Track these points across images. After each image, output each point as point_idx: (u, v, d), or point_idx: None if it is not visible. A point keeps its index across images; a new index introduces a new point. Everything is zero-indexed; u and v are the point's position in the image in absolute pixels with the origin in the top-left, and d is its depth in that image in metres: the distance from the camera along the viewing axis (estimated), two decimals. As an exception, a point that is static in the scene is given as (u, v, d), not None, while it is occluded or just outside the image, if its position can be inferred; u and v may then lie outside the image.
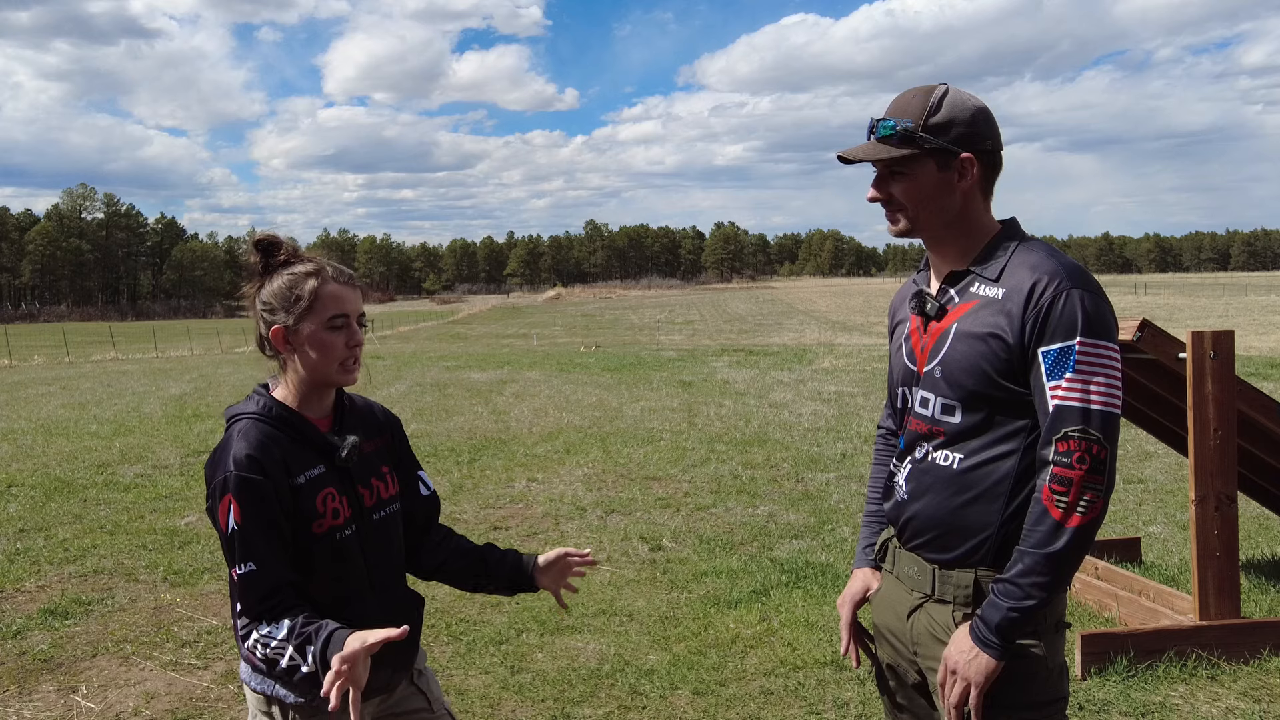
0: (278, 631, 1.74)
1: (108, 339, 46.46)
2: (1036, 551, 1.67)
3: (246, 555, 1.76)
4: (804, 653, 4.28)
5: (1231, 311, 42.27)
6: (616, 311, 73.68)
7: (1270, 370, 15.54)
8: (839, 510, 7.06)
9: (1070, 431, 1.66)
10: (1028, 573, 1.67)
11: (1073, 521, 1.65)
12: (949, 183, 1.81)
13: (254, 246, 1.92)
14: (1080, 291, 1.69)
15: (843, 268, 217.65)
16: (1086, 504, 1.66)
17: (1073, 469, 1.65)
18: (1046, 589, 1.67)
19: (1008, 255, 1.80)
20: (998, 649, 1.70)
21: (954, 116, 1.79)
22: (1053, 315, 1.69)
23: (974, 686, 1.72)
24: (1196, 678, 3.90)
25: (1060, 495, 1.66)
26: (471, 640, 4.59)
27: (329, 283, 1.88)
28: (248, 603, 1.77)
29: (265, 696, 1.90)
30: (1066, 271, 1.72)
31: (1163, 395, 4.75)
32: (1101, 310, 1.71)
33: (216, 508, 1.79)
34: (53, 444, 11.34)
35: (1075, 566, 1.70)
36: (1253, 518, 6.28)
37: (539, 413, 13.24)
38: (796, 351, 25.22)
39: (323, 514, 1.85)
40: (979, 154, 1.81)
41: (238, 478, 1.77)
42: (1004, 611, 1.69)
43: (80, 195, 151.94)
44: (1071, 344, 1.68)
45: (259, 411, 1.87)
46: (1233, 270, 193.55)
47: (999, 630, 1.69)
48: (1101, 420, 1.66)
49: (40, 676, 4.31)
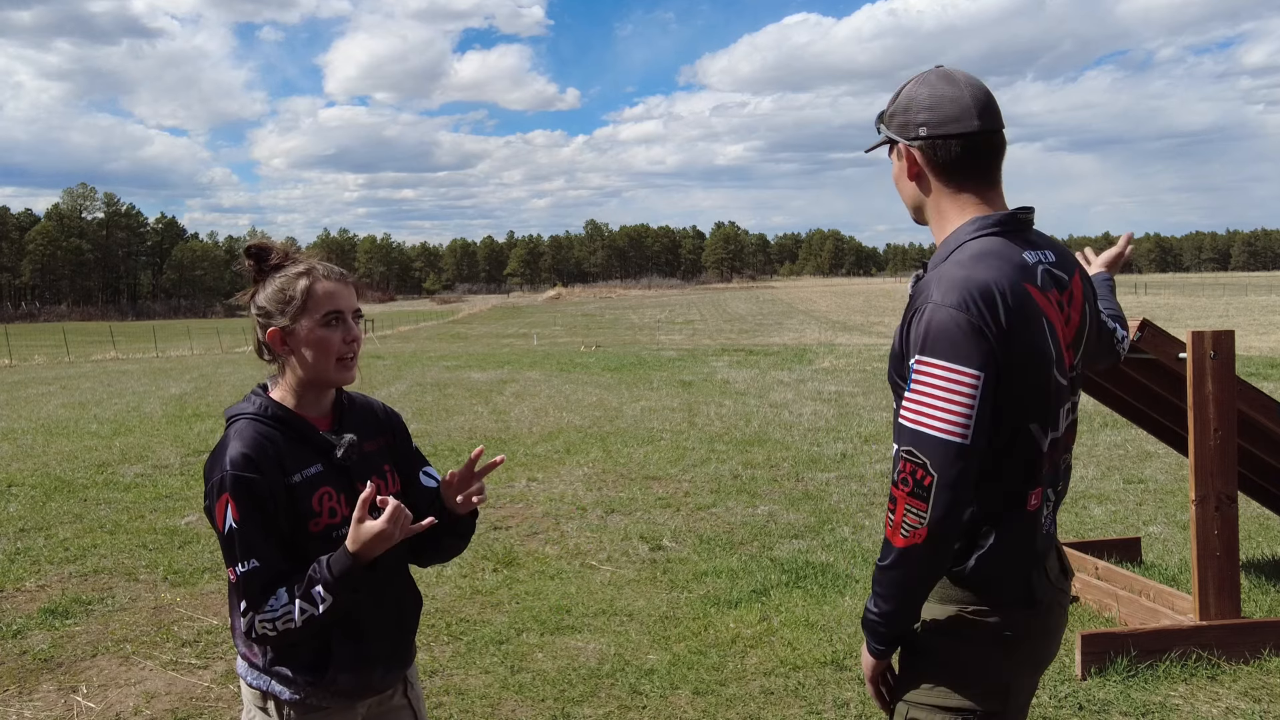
0: (278, 601, 1.78)
1: (108, 339, 46.47)
2: (877, 563, 1.67)
3: (247, 553, 1.78)
4: (804, 652, 4.28)
5: (1232, 311, 42.26)
6: (617, 311, 73.70)
7: (1270, 370, 15.53)
8: (839, 510, 7.06)
9: (901, 450, 1.62)
10: (874, 581, 1.69)
11: (898, 542, 1.60)
12: (904, 171, 1.81)
13: (245, 254, 1.94)
14: (935, 307, 1.60)
15: (843, 267, 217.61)
16: (909, 528, 1.59)
17: (898, 488, 1.61)
18: (885, 600, 1.65)
19: (948, 253, 1.72)
20: (870, 646, 1.74)
21: (900, 105, 1.78)
22: (912, 329, 1.64)
23: (866, 676, 1.79)
24: (1197, 678, 3.90)
25: (890, 511, 1.63)
26: (471, 640, 4.59)
27: (320, 280, 1.90)
28: (251, 597, 1.78)
29: (261, 692, 1.90)
30: (940, 284, 1.63)
31: (1163, 395, 4.75)
32: (949, 329, 1.58)
33: (214, 507, 1.81)
34: (53, 443, 11.34)
35: (909, 587, 1.64)
36: (1253, 518, 6.28)
37: (539, 412, 13.24)
38: (797, 351, 25.21)
39: (319, 513, 1.86)
40: (914, 141, 1.75)
41: (234, 477, 1.79)
42: (865, 613, 1.72)
43: (81, 195, 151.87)
44: (912, 361, 1.63)
45: (256, 411, 1.89)
46: (1233, 270, 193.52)
47: (864, 628, 1.73)
48: (930, 444, 1.57)
49: (40, 676, 4.31)
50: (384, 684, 2.00)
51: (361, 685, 1.92)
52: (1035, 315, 1.64)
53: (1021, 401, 1.64)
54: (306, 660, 1.87)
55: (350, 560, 1.77)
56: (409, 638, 2.05)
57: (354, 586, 1.78)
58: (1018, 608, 1.71)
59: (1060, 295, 1.72)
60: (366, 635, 1.91)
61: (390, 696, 2.04)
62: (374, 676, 1.94)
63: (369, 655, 1.92)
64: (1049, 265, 1.73)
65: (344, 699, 1.91)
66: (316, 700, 1.88)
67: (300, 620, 1.77)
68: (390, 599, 1.99)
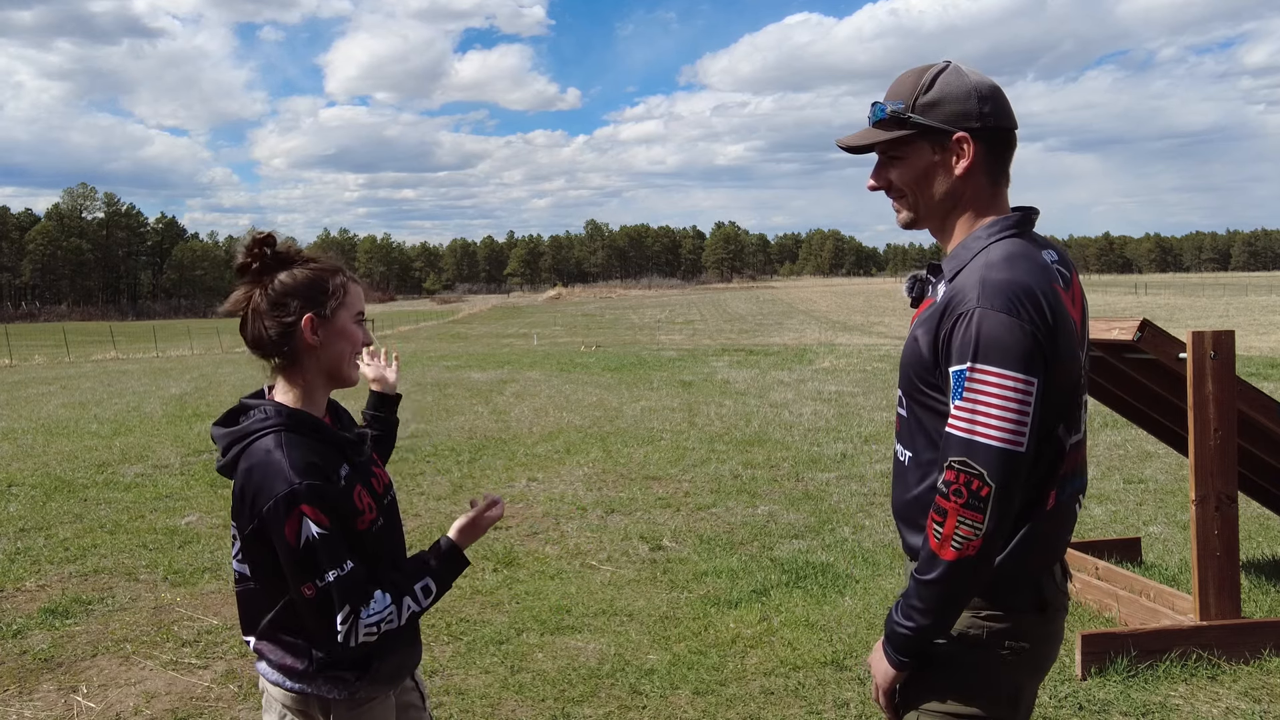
0: (379, 603, 1.79)
1: (108, 338, 46.47)
2: (916, 576, 1.63)
3: (337, 558, 1.74)
4: (804, 652, 4.28)
5: (1232, 311, 42.23)
6: (617, 311, 73.67)
7: (1270, 370, 15.53)
8: (839, 510, 7.06)
9: (953, 461, 1.58)
10: (909, 594, 1.65)
11: (946, 554, 1.57)
12: (945, 165, 1.71)
13: (257, 242, 1.87)
14: (985, 312, 1.56)
15: (843, 267, 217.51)
16: (961, 540, 1.56)
17: (949, 500, 1.58)
18: (925, 615, 1.62)
19: (970, 256, 1.68)
20: (893, 658, 1.70)
21: (946, 94, 1.69)
22: (955, 335, 1.59)
23: (878, 685, 1.76)
24: (1197, 678, 3.90)
25: (937, 524, 1.59)
26: (471, 640, 4.59)
27: (352, 280, 1.96)
28: (354, 600, 1.75)
29: (302, 696, 1.87)
30: (985, 288, 1.59)
31: (1163, 395, 4.75)
32: (1003, 336, 1.55)
33: (283, 524, 1.72)
34: (53, 443, 11.34)
35: (954, 600, 1.62)
36: (1253, 518, 6.28)
37: (539, 412, 13.24)
38: (797, 351, 25.20)
39: (362, 510, 1.86)
40: (975, 133, 1.69)
41: (308, 486, 1.73)
42: (892, 625, 1.68)
43: (81, 195, 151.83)
44: (963, 368, 1.58)
45: (284, 421, 1.82)
46: (1233, 270, 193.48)
47: (889, 640, 1.70)
48: (987, 454, 1.54)
49: (40, 676, 4.31)
50: (410, 665, 2.03)
51: (399, 669, 1.97)
52: (1065, 317, 1.63)
53: (1055, 405, 1.63)
54: (353, 657, 1.85)
55: (456, 549, 1.92)
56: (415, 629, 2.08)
57: (459, 574, 1.93)
58: (1028, 613, 1.70)
59: (1067, 294, 1.71)
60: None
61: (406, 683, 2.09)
62: (404, 658, 1.98)
63: (397, 639, 1.92)
64: (1057, 265, 1.72)
65: (386, 685, 1.94)
66: (366, 693, 1.89)
67: (405, 617, 1.82)
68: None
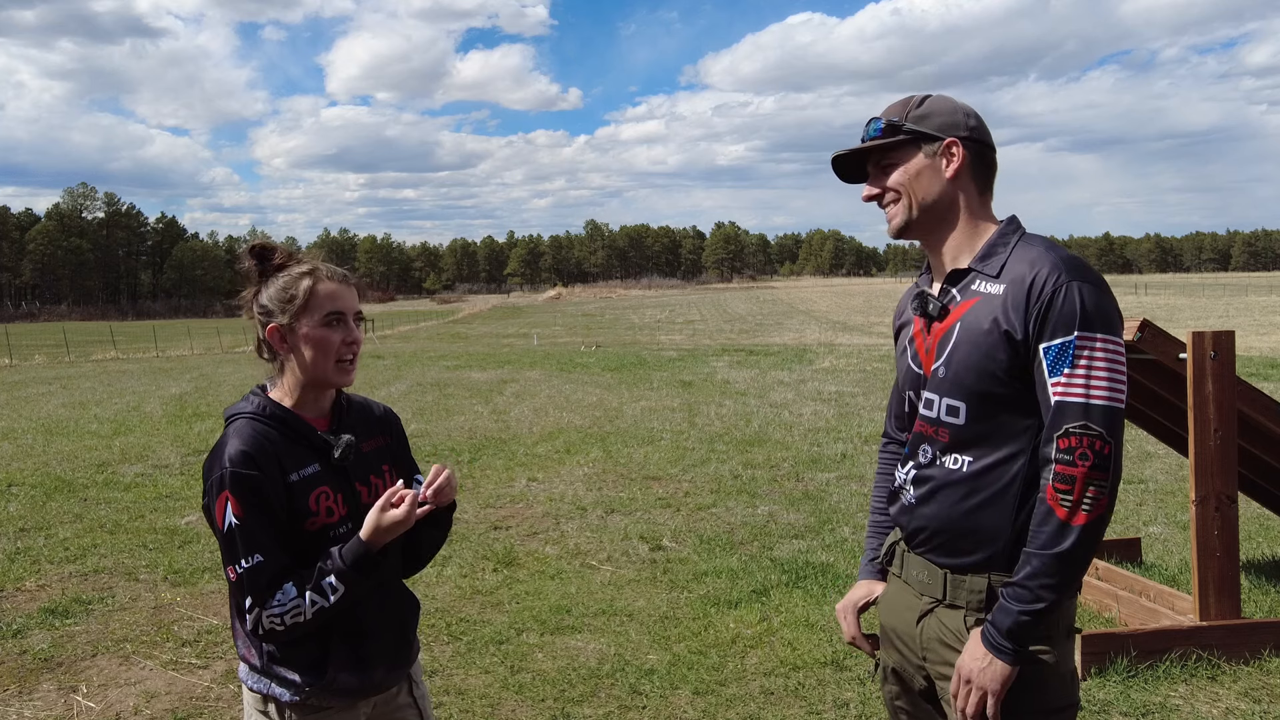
0: (286, 595, 1.78)
1: (108, 338, 46.43)
2: (1044, 553, 1.64)
3: (250, 548, 1.78)
4: (804, 652, 4.28)
5: (1232, 312, 42.22)
6: (617, 311, 73.64)
7: (1270, 370, 15.53)
8: (839, 510, 7.06)
9: (1071, 428, 1.65)
10: (1036, 575, 1.65)
11: (1078, 519, 1.63)
12: (937, 169, 1.83)
13: (249, 253, 1.95)
14: (1079, 284, 1.68)
15: (843, 268, 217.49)
16: (1091, 500, 1.63)
17: (1075, 465, 1.63)
18: (1056, 590, 1.64)
19: (1008, 251, 1.79)
20: (1011, 654, 1.67)
21: (935, 109, 1.84)
22: (1053, 310, 1.68)
23: (990, 695, 1.69)
24: (1197, 678, 3.90)
25: (1064, 494, 1.64)
26: (471, 640, 4.59)
27: (323, 280, 1.92)
28: (257, 591, 1.78)
29: (262, 695, 1.91)
30: (1066, 264, 1.70)
31: (1163, 395, 4.75)
32: (1102, 303, 1.68)
33: (213, 505, 1.81)
34: (53, 443, 11.34)
35: (1084, 566, 1.68)
36: (1253, 518, 6.28)
37: (539, 412, 13.25)
38: (797, 351, 25.21)
39: (315, 512, 1.86)
40: (964, 141, 1.82)
41: (233, 474, 1.79)
42: (1014, 616, 1.66)
43: (81, 194, 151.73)
44: (1071, 338, 1.66)
45: (254, 411, 1.90)
46: (1233, 270, 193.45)
47: (1010, 635, 1.67)
48: (1103, 414, 1.65)
49: (40, 676, 4.31)
50: (386, 683, 2.00)
51: (362, 684, 1.92)
52: None
53: None
54: (306, 661, 1.86)
55: (364, 548, 1.81)
56: (409, 636, 2.05)
57: (366, 574, 1.82)
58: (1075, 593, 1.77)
59: None
60: (366, 635, 1.92)
61: (395, 695, 2.04)
62: (375, 675, 1.94)
63: (368, 654, 1.92)
64: None
65: (345, 698, 1.91)
66: (317, 700, 1.88)
67: (311, 612, 1.79)
68: (389, 601, 2.00)
